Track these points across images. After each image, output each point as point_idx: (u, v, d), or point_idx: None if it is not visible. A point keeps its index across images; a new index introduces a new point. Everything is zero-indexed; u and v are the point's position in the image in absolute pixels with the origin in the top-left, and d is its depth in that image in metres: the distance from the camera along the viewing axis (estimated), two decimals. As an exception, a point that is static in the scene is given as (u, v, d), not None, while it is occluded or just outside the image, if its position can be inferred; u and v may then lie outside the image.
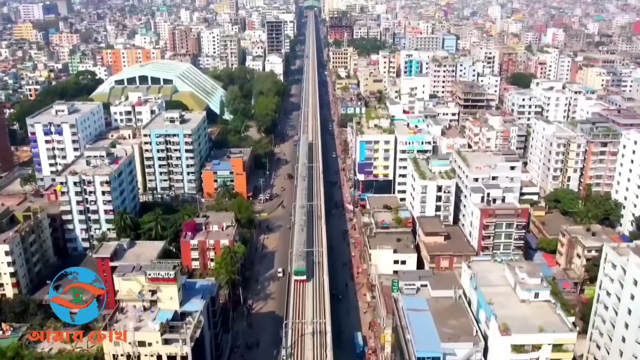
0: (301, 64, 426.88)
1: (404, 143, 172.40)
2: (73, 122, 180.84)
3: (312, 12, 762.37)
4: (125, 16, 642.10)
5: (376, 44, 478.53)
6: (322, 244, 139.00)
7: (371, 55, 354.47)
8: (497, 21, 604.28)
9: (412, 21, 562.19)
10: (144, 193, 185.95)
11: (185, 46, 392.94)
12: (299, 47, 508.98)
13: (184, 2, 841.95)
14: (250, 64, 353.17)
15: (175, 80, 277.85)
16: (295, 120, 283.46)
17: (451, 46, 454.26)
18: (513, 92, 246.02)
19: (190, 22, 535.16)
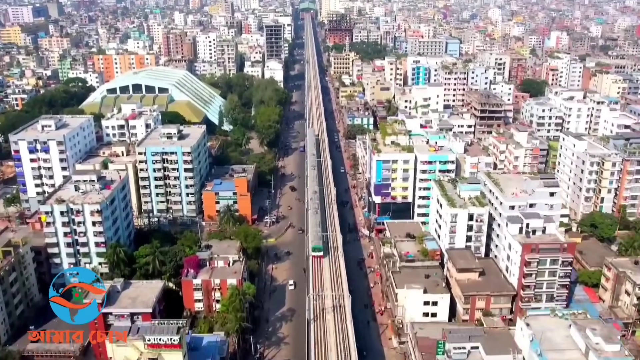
0: (300, 69, 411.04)
1: (424, 162, 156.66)
2: (61, 138, 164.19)
3: (308, 14, 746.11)
4: (118, 19, 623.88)
5: (377, 48, 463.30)
6: (344, 286, 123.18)
7: (375, 61, 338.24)
8: (498, 24, 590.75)
9: (412, 24, 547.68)
10: (138, 216, 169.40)
11: (181, 51, 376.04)
12: (297, 51, 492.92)
13: (177, 5, 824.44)
14: (248, 70, 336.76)
15: (171, 88, 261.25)
16: (298, 130, 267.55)
17: (455, 50, 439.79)
18: (531, 102, 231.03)
19: (184, 26, 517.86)
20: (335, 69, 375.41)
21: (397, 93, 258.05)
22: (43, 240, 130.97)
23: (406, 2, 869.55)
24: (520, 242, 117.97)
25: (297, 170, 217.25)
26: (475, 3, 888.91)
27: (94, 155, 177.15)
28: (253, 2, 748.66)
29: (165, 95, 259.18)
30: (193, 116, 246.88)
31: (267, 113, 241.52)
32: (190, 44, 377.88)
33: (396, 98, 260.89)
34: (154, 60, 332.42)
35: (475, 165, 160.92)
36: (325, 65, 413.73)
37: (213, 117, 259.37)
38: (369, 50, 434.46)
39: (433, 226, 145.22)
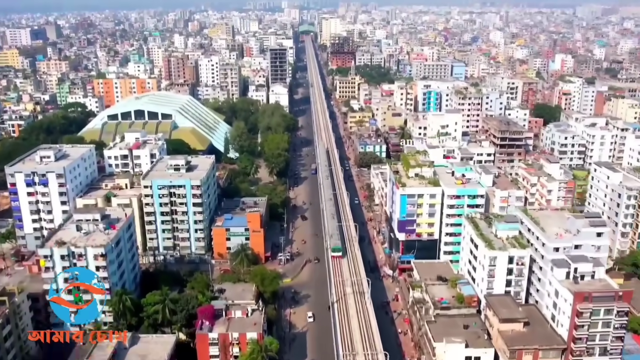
0: (304, 93, 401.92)
1: (452, 197, 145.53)
2: (61, 171, 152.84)
3: (308, 37, 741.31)
4: (117, 41, 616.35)
5: (381, 71, 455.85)
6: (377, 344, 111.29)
7: (382, 85, 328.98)
8: (500, 46, 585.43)
9: (415, 47, 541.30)
10: (143, 254, 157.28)
11: (182, 75, 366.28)
12: (300, 74, 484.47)
13: (176, 27, 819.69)
14: (253, 95, 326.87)
15: (175, 114, 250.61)
16: (306, 157, 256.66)
17: (460, 74, 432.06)
18: (552, 128, 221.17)
19: (185, 49, 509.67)
20: (340, 93, 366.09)
21: (410, 119, 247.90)
22: (41, 285, 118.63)
23: (405, 24, 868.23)
24: (571, 291, 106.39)
25: (309, 198, 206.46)
26: (474, 26, 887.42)
27: (95, 187, 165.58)
28: (253, 25, 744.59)
29: (168, 121, 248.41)
30: (198, 143, 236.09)
31: (275, 141, 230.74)
32: (192, 67, 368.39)
33: (408, 124, 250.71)
34: (156, 84, 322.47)
35: (505, 199, 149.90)
36: (330, 88, 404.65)
37: (219, 144, 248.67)
38: (373, 74, 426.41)
39: (465, 267, 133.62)
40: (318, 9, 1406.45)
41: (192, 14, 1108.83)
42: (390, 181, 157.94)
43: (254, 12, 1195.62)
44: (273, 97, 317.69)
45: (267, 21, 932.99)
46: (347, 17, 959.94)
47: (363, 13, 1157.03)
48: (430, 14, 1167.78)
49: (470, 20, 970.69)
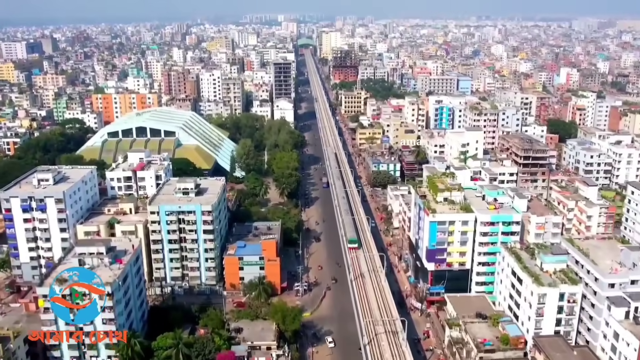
0: (308, 107, 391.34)
1: (486, 224, 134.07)
2: (60, 195, 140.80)
3: (307, 50, 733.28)
4: (114, 55, 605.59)
5: (385, 85, 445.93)
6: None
7: (390, 100, 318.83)
8: (503, 60, 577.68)
9: (417, 61, 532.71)
10: (149, 285, 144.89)
11: (183, 90, 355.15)
12: (302, 88, 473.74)
13: (174, 41, 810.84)
14: (257, 110, 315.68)
15: (179, 132, 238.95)
16: (315, 176, 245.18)
17: (466, 88, 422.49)
18: (576, 146, 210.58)
19: (184, 62, 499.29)
20: (346, 108, 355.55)
21: (424, 136, 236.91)
22: (39, 326, 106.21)
23: (404, 37, 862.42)
24: (636, 334, 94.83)
25: (322, 218, 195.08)
26: (473, 39, 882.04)
27: (97, 212, 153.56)
28: (251, 38, 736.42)
29: (172, 139, 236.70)
30: (203, 162, 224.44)
31: (284, 159, 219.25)
32: (194, 82, 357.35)
33: (422, 141, 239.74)
34: (157, 99, 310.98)
35: (541, 226, 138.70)
36: (334, 103, 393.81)
37: (224, 163, 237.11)
38: (378, 88, 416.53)
39: (505, 302, 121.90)
40: (315, 22, 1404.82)
41: (189, 28, 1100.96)
42: (417, 206, 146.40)
43: (251, 26, 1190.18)
44: (278, 113, 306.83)
45: (265, 34, 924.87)
46: (345, 31, 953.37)
47: (360, 26, 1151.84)
48: (427, 27, 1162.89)
49: (469, 33, 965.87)
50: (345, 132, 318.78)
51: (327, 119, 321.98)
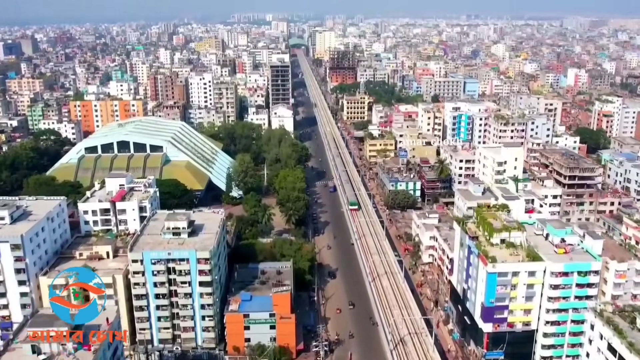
0: (306, 112, 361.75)
1: (557, 275, 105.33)
2: (17, 240, 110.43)
3: (300, 50, 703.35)
4: (97, 56, 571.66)
5: (386, 88, 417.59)
6: None
7: (398, 106, 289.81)
8: (505, 60, 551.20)
9: (417, 62, 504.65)
10: (131, 350, 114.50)
11: (171, 95, 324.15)
12: (298, 91, 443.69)
13: (160, 41, 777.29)
14: (252, 118, 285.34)
15: (166, 146, 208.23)
16: (323, 195, 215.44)
17: (474, 91, 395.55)
18: (625, 162, 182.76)
19: (172, 64, 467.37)
20: (348, 114, 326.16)
21: (447, 150, 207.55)
22: None
23: (397, 37, 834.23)
24: None
25: (335, 259, 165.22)
26: (468, 39, 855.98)
27: (66, 257, 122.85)
28: (241, 38, 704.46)
29: (159, 154, 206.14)
30: (195, 181, 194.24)
31: (289, 179, 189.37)
32: (182, 86, 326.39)
33: (443, 155, 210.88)
34: (142, 107, 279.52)
35: (622, 274, 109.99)
36: (334, 107, 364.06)
37: (219, 181, 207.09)
38: (379, 92, 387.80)
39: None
40: (304, 21, 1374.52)
41: (177, 27, 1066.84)
42: (465, 248, 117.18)
43: (239, 25, 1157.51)
44: (276, 121, 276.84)
45: (255, 34, 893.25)
46: (337, 30, 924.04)
47: (351, 26, 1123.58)
48: (419, 26, 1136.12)
49: (463, 32, 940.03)
50: (350, 142, 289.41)
51: (330, 126, 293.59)
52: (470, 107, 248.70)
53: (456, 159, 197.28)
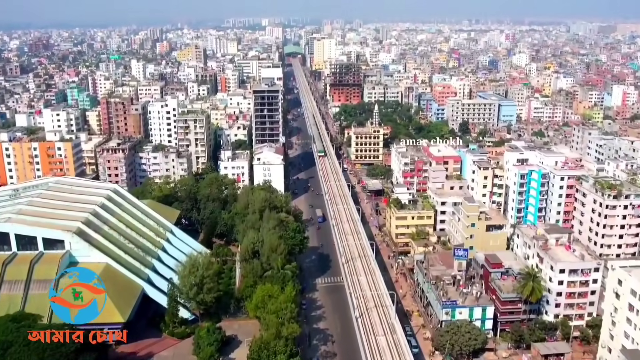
0: (302, 144, 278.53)
1: None
2: None
3: (296, 59, 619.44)
4: (63, 67, 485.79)
5: (398, 108, 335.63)
6: None
7: (429, 147, 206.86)
8: (532, 73, 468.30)
9: (433, 75, 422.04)
10: None
11: (124, 128, 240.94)
12: (292, 112, 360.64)
13: (142, 49, 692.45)
14: (227, 166, 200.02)
15: (71, 240, 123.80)
16: (325, 318, 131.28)
17: (511, 116, 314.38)
18: None
19: (142, 79, 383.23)
20: (358, 152, 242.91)
21: (532, 245, 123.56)
22: None
23: (401, 43, 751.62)
24: None
25: None
26: (478, 46, 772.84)
27: None
28: (231, 46, 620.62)
29: (58, 253, 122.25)
30: (114, 309, 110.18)
31: (271, 306, 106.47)
32: (138, 115, 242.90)
33: (519, 250, 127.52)
34: (71, 150, 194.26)
35: None
36: (337, 139, 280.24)
37: (158, 294, 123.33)
38: (393, 116, 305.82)
39: None
40: (300, 26, 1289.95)
41: (165, 33, 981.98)
42: None
43: (232, 31, 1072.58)
44: (259, 171, 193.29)
45: (248, 40, 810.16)
46: (335, 36, 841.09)
47: (350, 31, 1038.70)
48: (422, 32, 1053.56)
49: (471, 39, 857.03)
50: (362, 198, 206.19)
51: (334, 173, 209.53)
52: (543, 157, 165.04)
53: (546, 262, 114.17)
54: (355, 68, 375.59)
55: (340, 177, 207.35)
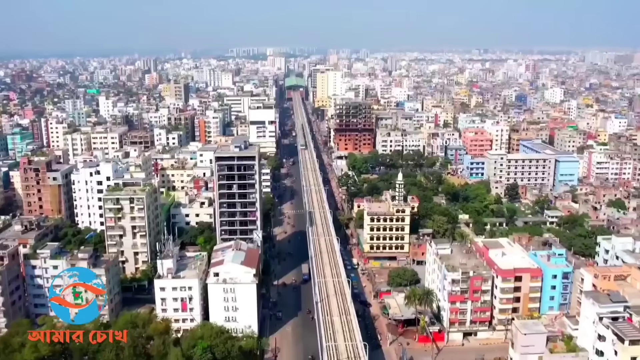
0: (294, 218, 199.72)
1: None
2: None
3: (297, 93, 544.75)
4: (25, 103, 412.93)
5: (420, 161, 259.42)
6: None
7: (487, 249, 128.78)
8: (572, 110, 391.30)
9: (457, 115, 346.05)
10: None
11: (36, 204, 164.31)
12: (287, 166, 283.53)
13: (130, 81, 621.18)
14: (167, 290, 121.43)
15: None
16: None
17: (571, 175, 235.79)
18: None
19: (108, 120, 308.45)
20: (373, 242, 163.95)
21: None
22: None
23: (412, 75, 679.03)
24: None
25: None
26: (496, 78, 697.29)
27: None
28: (225, 78, 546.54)
29: None
30: None
31: None
32: (58, 187, 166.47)
33: None
34: None
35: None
36: (342, 216, 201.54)
37: None
38: (416, 177, 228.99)
39: None
40: (306, 56, 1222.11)
41: (163, 63, 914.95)
42: None
43: (234, 60, 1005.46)
44: (217, 295, 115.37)
45: (247, 72, 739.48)
46: (341, 66, 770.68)
47: (357, 61, 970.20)
48: (433, 62, 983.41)
49: (487, 69, 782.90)
50: (383, 331, 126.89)
51: (338, 284, 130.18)
52: None
53: None
54: (366, 109, 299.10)
55: (346, 295, 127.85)
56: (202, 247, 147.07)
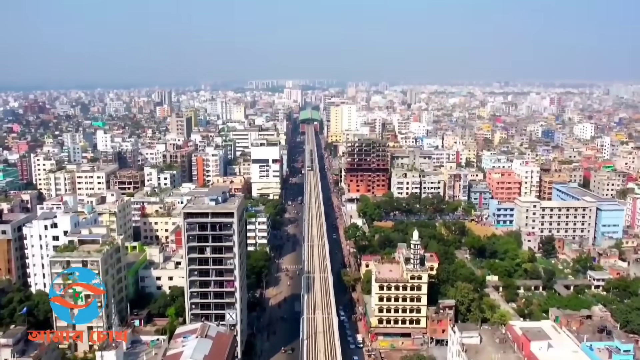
0: (294, 279, 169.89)
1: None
2: None
3: (310, 127, 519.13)
4: (25, 136, 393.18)
5: (440, 205, 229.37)
6: None
7: (524, 336, 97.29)
8: (605, 148, 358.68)
9: (481, 152, 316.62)
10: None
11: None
12: (295, 195, 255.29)
13: (141, 113, 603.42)
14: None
15: None
16: None
17: (615, 226, 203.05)
18: None
19: (105, 154, 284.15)
20: (382, 314, 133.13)
21: None
22: None
23: (432, 108, 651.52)
24: None
25: None
26: (519, 112, 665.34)
27: None
28: (237, 111, 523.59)
29: None
30: None
31: None
32: (6, 242, 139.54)
33: None
34: None
35: None
36: (348, 259, 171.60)
37: None
38: (435, 225, 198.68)
39: None
40: (324, 88, 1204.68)
41: (180, 94, 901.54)
42: None
43: (252, 93, 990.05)
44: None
45: (262, 104, 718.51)
46: (359, 99, 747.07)
47: (376, 93, 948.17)
48: (453, 94, 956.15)
49: (509, 102, 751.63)
50: None
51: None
52: None
53: None
54: (380, 147, 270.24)
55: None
56: (171, 321, 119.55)
